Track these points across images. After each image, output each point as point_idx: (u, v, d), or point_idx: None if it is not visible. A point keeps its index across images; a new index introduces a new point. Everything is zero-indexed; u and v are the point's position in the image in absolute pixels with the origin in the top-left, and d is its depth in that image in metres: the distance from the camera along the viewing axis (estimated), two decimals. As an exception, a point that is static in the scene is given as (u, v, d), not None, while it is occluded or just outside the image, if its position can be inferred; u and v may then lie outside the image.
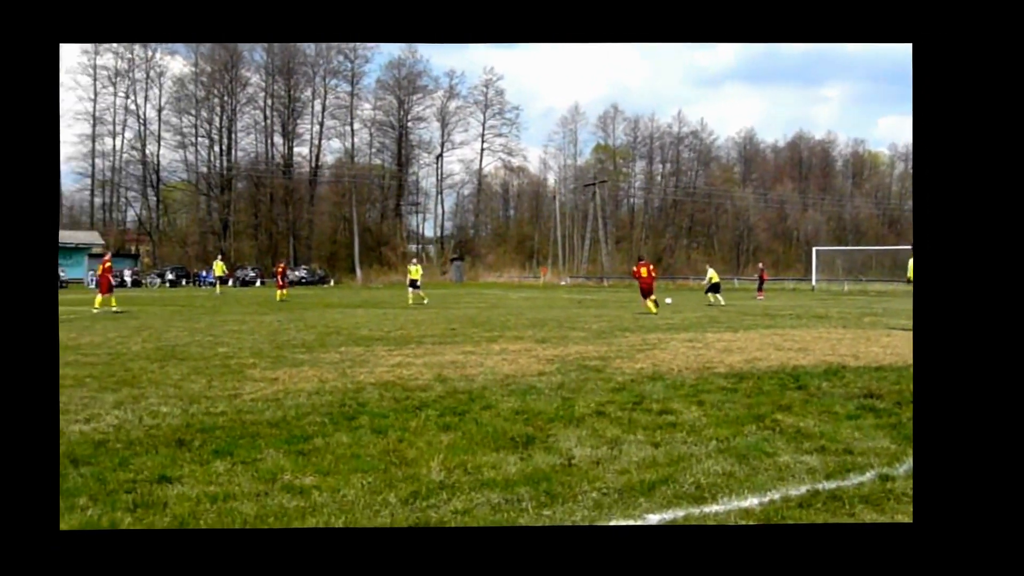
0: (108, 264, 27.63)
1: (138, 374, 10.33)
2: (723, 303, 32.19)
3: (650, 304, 25.47)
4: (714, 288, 34.24)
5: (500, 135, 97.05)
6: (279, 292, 37.68)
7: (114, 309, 25.91)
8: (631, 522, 4.63)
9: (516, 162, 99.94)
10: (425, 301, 31.15)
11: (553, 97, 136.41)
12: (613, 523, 4.60)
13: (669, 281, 75.72)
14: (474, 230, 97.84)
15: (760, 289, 45.56)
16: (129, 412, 7.62)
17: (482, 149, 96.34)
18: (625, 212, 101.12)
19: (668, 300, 32.75)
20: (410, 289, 32.57)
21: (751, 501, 4.97)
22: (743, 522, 4.62)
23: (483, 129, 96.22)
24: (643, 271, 26.33)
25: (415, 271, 33.15)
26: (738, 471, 5.62)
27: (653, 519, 4.69)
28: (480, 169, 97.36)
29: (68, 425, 6.99)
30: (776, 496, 5.05)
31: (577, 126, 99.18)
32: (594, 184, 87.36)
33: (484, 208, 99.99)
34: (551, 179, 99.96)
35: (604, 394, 8.78)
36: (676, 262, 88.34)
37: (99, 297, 26.53)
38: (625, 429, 6.97)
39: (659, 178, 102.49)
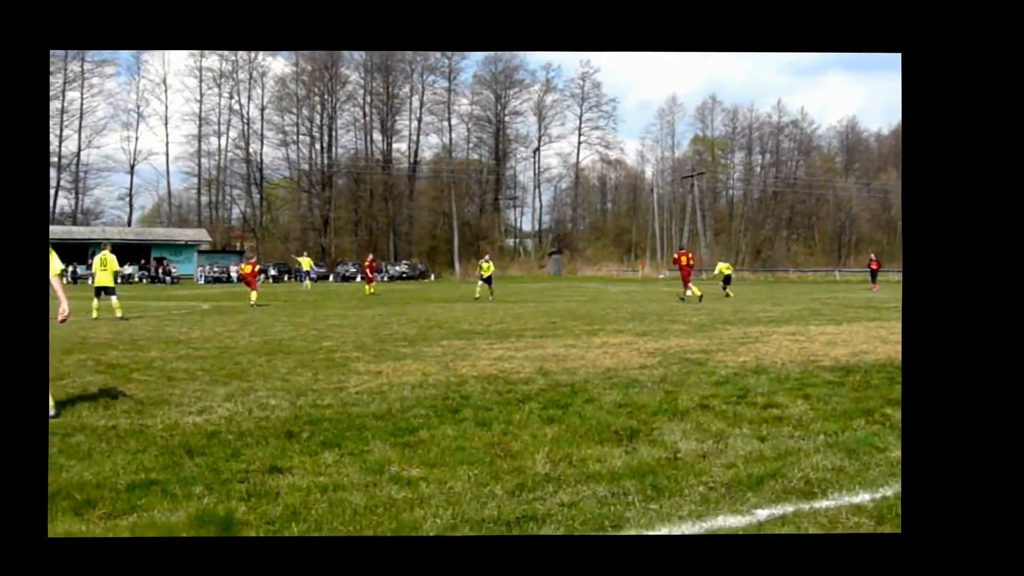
0: (255, 261, 30.78)
1: (246, 368, 10.58)
2: (731, 296, 31.81)
3: (695, 289, 27.86)
4: (727, 280, 34.08)
5: (597, 128, 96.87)
6: (367, 287, 38.24)
7: (256, 304, 27.03)
8: (626, 533, 4.56)
9: (613, 155, 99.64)
10: (490, 298, 31.07)
11: (650, 89, 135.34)
12: (619, 533, 4.51)
13: (768, 274, 74.53)
14: (572, 224, 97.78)
15: (874, 280, 44.47)
16: (239, 404, 7.80)
17: (579, 142, 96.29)
18: (724, 204, 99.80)
19: (729, 294, 32.33)
20: (480, 283, 32.79)
21: (863, 497, 4.85)
22: (855, 519, 4.51)
23: (580, 122, 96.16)
24: (683, 260, 29.20)
25: (487, 268, 33.40)
26: (848, 466, 5.48)
27: (762, 514, 4.61)
28: (577, 162, 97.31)
29: (182, 417, 7.20)
30: (888, 492, 4.91)
31: (675, 117, 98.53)
32: (692, 176, 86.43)
33: (581, 202, 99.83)
34: (648, 172, 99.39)
35: (707, 387, 8.66)
36: (776, 254, 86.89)
37: (254, 293, 28.15)
38: (730, 423, 6.87)
39: (758, 169, 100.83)
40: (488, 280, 32.45)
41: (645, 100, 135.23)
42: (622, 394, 8.24)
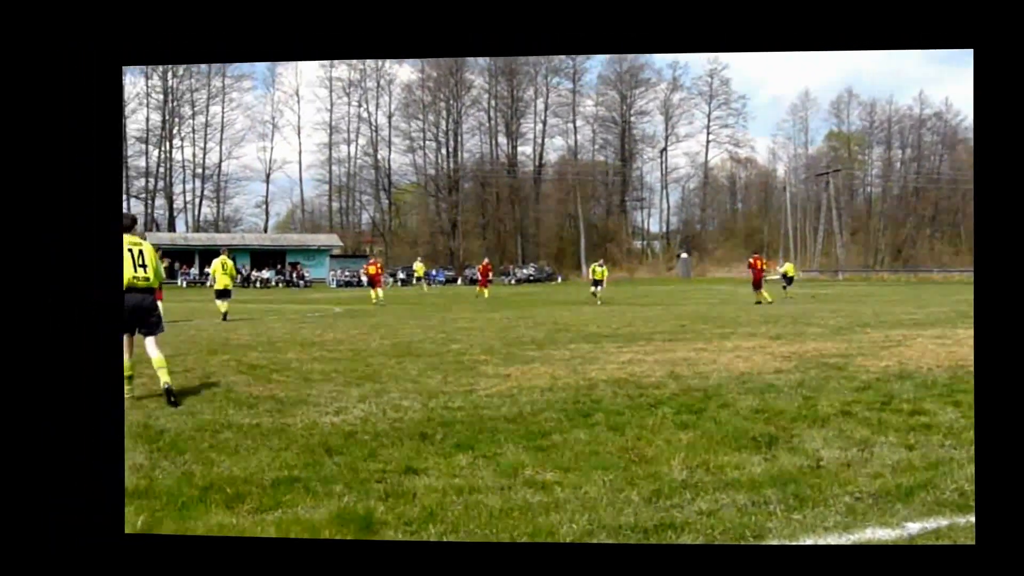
0: (379, 264, 32.43)
1: (379, 369, 10.74)
2: (769, 300, 29.97)
3: (765, 294, 28.83)
4: (788, 281, 33.84)
5: (726, 126, 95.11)
6: (479, 289, 38.32)
7: (380, 302, 29.02)
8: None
9: (743, 153, 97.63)
10: (598, 302, 30.67)
11: (781, 84, 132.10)
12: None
13: (910, 274, 72.00)
14: (700, 224, 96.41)
15: None
16: (373, 406, 7.91)
17: (708, 141, 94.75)
18: (861, 202, 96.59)
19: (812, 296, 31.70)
20: (593, 287, 32.71)
21: (1023, 510, 4.59)
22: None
23: (708, 120, 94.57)
24: (757, 263, 30.37)
25: (600, 272, 33.27)
26: (1006, 478, 5.20)
27: (913, 528, 4.41)
28: (706, 162, 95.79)
29: (320, 417, 7.34)
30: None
31: (808, 113, 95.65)
32: (827, 173, 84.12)
33: (710, 202, 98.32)
34: (780, 169, 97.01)
35: (848, 393, 8.37)
36: (918, 253, 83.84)
37: (374, 292, 30.18)
38: (874, 430, 6.61)
39: (898, 164, 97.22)
40: (597, 283, 32.43)
41: (776, 96, 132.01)
42: (758, 399, 8.03)
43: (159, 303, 9.34)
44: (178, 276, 58.74)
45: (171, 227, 79.76)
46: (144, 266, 8.52)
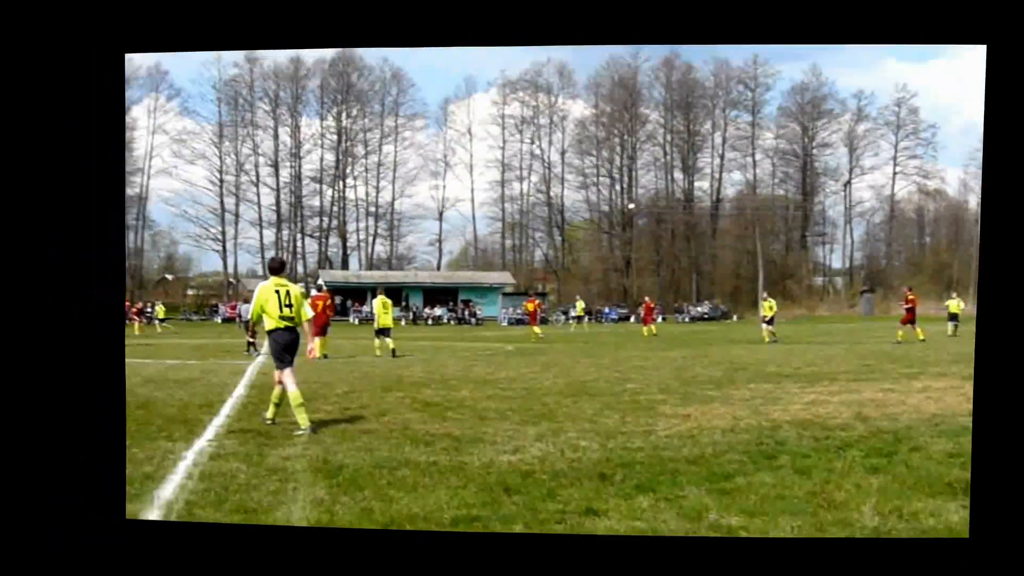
0: (537, 302, 33.21)
1: (554, 408, 10.74)
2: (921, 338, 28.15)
3: (918, 332, 28.09)
4: (953, 319, 31.44)
5: (914, 157, 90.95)
6: (645, 328, 37.84)
7: (540, 338, 29.22)
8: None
9: (932, 185, 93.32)
10: (776, 340, 29.68)
11: (975, 111, 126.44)
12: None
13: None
14: (885, 260, 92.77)
15: None
16: (550, 445, 7.91)
17: (894, 173, 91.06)
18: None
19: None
20: (764, 326, 31.73)
21: None
22: None
23: (895, 151, 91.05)
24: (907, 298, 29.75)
25: (768, 307, 32.35)
26: None
27: None
28: (892, 194, 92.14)
29: (497, 455, 7.40)
30: None
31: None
32: None
33: (896, 236, 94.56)
34: (973, 201, 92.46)
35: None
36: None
37: (533, 329, 30.82)
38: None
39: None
40: (768, 320, 31.54)
41: (969, 123, 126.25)
42: (952, 443, 7.60)
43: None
44: (350, 313, 60.59)
45: (344, 265, 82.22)
46: (290, 306, 9.31)
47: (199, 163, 79.09)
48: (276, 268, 9.85)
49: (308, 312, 9.59)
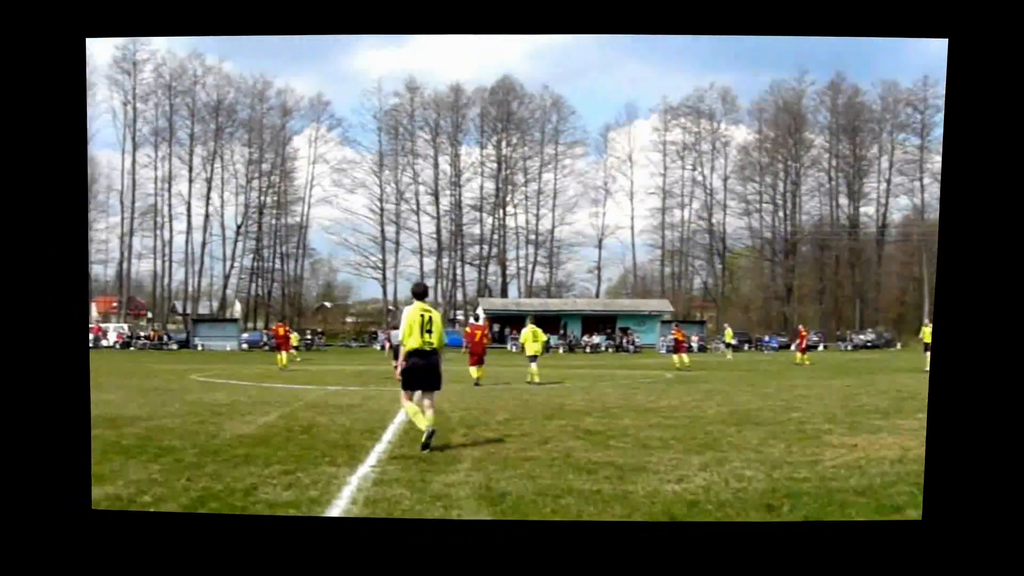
0: (681, 331, 33.72)
1: (718, 437, 10.64)
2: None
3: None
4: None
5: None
6: (798, 356, 36.85)
7: (685, 364, 29.53)
8: None
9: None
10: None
11: None
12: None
13: None
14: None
15: None
16: (715, 474, 7.86)
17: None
18: None
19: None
20: (926, 353, 30.36)
21: None
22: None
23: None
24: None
25: (929, 334, 31.04)
26: None
27: None
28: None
29: (661, 484, 7.42)
30: None
31: None
32: None
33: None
34: None
35: None
36: None
37: (681, 358, 30.89)
38: None
39: None
40: (928, 347, 30.24)
41: None
42: None
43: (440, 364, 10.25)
44: (507, 340, 61.10)
45: (503, 293, 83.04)
46: (431, 331, 9.84)
47: (359, 192, 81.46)
48: (420, 293, 10.53)
49: (445, 338, 10.18)
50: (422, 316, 9.89)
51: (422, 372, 9.84)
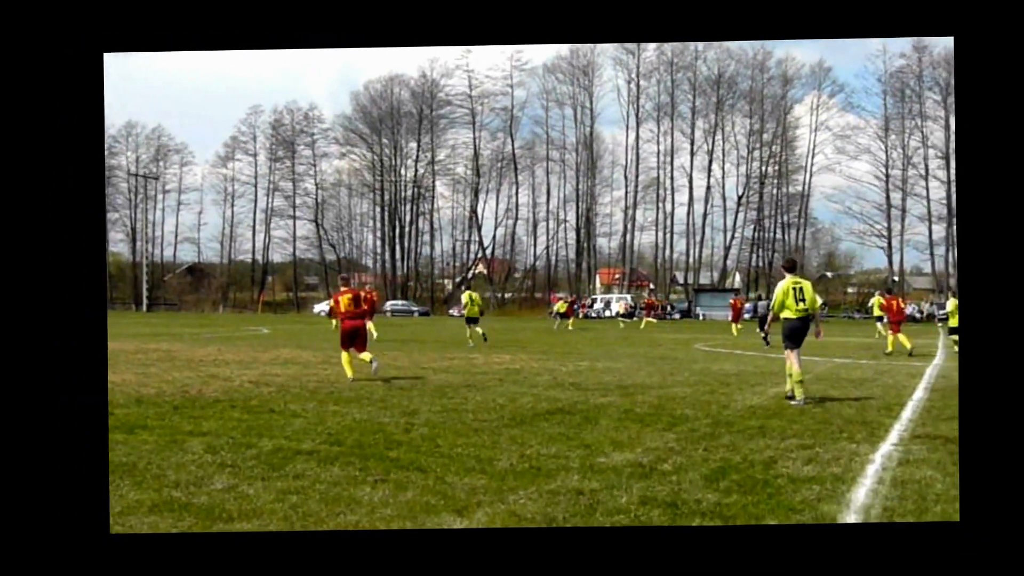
0: None
1: None
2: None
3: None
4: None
5: None
6: None
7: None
8: None
9: None
10: None
11: None
12: None
13: None
14: None
15: None
16: None
17: None
18: None
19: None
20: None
21: None
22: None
23: None
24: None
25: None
26: None
27: None
28: None
29: None
30: None
31: None
32: None
33: None
34: None
35: None
36: None
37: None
38: None
39: None
40: None
41: None
42: None
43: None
44: None
45: None
46: (803, 300, 11.16)
47: (863, 158, 78.07)
48: (790, 267, 11.69)
49: (818, 300, 11.18)
50: (793, 288, 11.15)
51: (800, 333, 11.23)
